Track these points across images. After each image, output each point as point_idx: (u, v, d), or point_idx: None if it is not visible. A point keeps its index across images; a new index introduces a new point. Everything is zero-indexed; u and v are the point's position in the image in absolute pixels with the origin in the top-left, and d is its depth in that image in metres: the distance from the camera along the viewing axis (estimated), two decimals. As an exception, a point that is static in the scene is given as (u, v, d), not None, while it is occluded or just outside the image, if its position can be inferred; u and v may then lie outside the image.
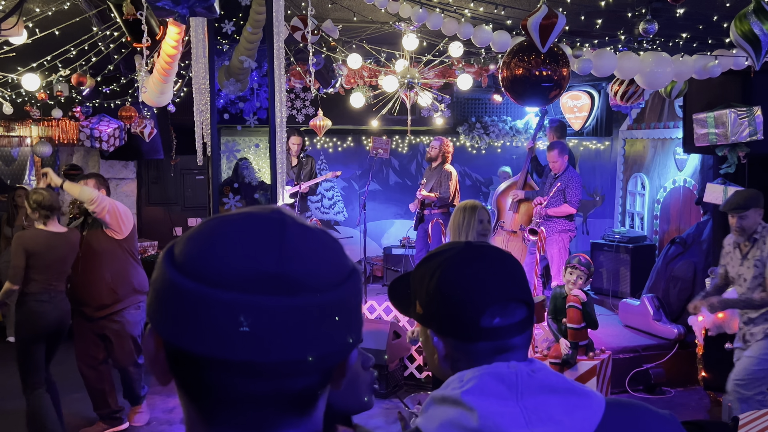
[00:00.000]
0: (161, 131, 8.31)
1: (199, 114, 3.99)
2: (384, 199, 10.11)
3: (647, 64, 4.59)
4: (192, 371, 0.74)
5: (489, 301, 1.20)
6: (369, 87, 7.14)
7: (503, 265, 1.26)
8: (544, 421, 1.07)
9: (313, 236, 0.77)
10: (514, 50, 3.84)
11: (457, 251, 1.28)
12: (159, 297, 0.76)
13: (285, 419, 0.77)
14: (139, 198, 9.42)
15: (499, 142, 10.06)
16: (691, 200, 7.68)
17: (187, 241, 0.77)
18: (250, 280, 0.71)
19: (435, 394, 1.17)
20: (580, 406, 1.11)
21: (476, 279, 1.22)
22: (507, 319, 1.21)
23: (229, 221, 0.77)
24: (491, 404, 1.08)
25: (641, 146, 8.85)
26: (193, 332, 0.72)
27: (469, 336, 1.21)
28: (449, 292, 1.23)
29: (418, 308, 1.30)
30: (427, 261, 1.32)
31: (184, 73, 6.55)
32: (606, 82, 8.72)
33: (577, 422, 1.09)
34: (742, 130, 5.38)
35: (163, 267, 0.77)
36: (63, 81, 6.46)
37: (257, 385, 0.73)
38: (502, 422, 1.06)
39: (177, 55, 4.78)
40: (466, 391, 1.10)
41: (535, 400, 1.09)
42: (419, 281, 1.30)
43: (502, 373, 1.13)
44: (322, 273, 0.75)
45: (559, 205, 7.01)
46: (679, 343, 6.60)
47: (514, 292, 1.22)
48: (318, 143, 10.04)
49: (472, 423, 1.07)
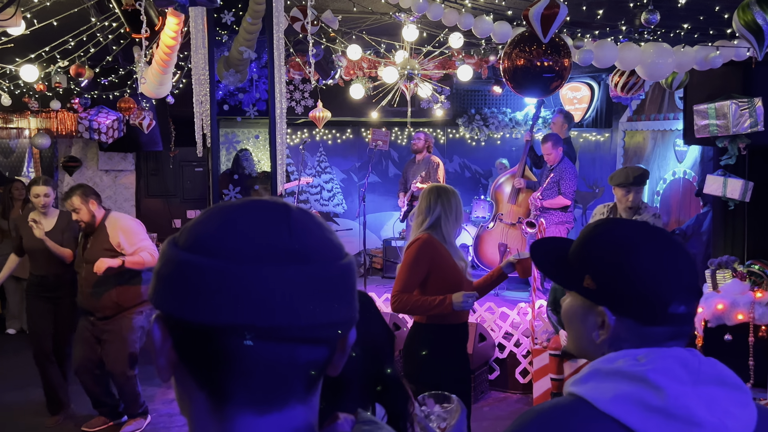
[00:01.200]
0: (160, 123, 8.29)
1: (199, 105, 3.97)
2: (383, 191, 10.10)
3: (648, 54, 4.57)
4: (207, 347, 0.77)
5: (682, 288, 1.20)
6: (368, 78, 7.12)
7: (683, 251, 1.24)
8: (723, 412, 1.09)
9: (312, 217, 0.84)
10: (516, 40, 3.82)
11: (640, 231, 1.25)
12: (169, 282, 0.78)
13: (294, 393, 0.80)
14: (138, 190, 9.39)
15: (498, 134, 10.04)
16: (691, 192, 7.67)
17: (194, 227, 0.81)
18: (265, 253, 0.76)
19: (602, 366, 1.16)
20: (746, 402, 1.13)
21: (673, 264, 1.21)
22: (690, 308, 1.21)
23: (235, 206, 0.82)
24: (677, 386, 1.08)
25: (641, 138, 8.84)
26: (212, 305, 0.75)
27: (654, 320, 1.19)
28: (645, 273, 1.20)
29: (588, 282, 1.25)
30: (603, 235, 1.28)
31: (183, 65, 6.52)
32: (606, 73, 8.70)
33: (746, 417, 1.11)
34: (743, 122, 5.37)
35: (170, 254, 0.80)
36: (61, 72, 6.43)
37: (272, 352, 0.77)
38: (691, 405, 1.07)
39: (176, 46, 4.76)
40: (651, 370, 1.10)
41: (709, 390, 1.10)
42: (596, 256, 1.26)
43: (685, 358, 1.13)
44: (326, 247, 0.81)
45: (554, 197, 7.00)
46: (679, 335, 6.59)
47: (696, 281, 1.23)
48: (317, 135, 10.01)
49: (657, 401, 1.07)
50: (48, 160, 8.69)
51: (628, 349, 1.17)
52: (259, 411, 0.79)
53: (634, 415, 1.07)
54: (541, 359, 5.88)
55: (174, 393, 0.87)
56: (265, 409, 0.79)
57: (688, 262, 1.22)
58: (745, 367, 5.55)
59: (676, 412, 1.06)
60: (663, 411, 1.06)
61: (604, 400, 1.10)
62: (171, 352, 0.80)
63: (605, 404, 1.09)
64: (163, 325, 0.80)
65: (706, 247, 6.90)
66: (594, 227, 1.31)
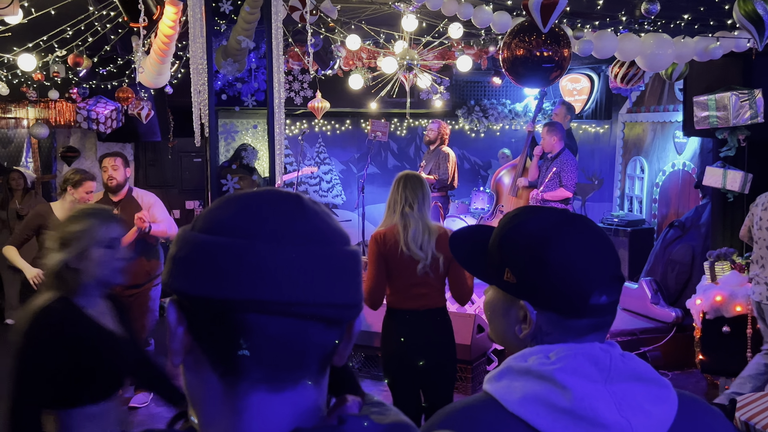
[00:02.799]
0: (158, 113, 8.25)
1: (197, 95, 3.96)
2: (382, 183, 10.09)
3: (648, 45, 4.55)
4: (223, 324, 0.79)
5: (602, 278, 1.15)
6: (368, 69, 7.09)
7: (602, 239, 1.19)
8: (633, 409, 1.06)
9: (322, 206, 0.87)
10: (515, 30, 3.81)
11: (557, 221, 1.19)
12: (186, 262, 0.81)
13: (307, 372, 0.82)
14: (137, 180, 9.36)
15: (498, 126, 10.01)
16: (690, 184, 7.66)
17: (210, 213, 0.84)
18: (281, 233, 0.79)
19: (515, 364, 1.13)
20: (663, 397, 1.10)
21: (591, 254, 1.16)
22: (612, 297, 1.17)
23: (249, 193, 0.85)
24: (585, 386, 1.05)
25: (640, 129, 8.82)
26: (230, 280, 0.77)
27: (575, 312, 1.15)
28: (562, 266, 1.14)
29: (509, 276, 1.20)
30: (519, 227, 1.21)
31: (181, 54, 6.49)
32: (606, 65, 8.67)
33: (661, 413, 1.08)
34: (743, 113, 5.36)
35: (187, 237, 0.82)
36: (59, 62, 6.40)
37: (287, 328, 0.79)
38: (597, 406, 1.04)
39: (174, 35, 4.74)
40: (559, 369, 1.07)
41: (622, 387, 1.07)
42: (513, 249, 1.20)
43: (595, 355, 1.10)
44: (336, 233, 0.84)
45: (555, 189, 6.98)
46: (677, 327, 6.60)
47: (618, 269, 1.18)
48: (316, 126, 9.99)
49: (563, 402, 1.04)
50: (46, 150, 8.67)
51: (543, 345, 1.14)
52: (272, 388, 0.81)
53: (541, 416, 1.05)
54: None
55: (182, 383, 0.88)
56: (278, 386, 0.81)
57: (607, 249, 1.17)
58: (743, 359, 5.56)
59: (582, 413, 1.03)
60: (569, 412, 1.04)
61: (512, 401, 1.07)
62: (185, 335, 0.82)
63: (514, 405, 1.07)
64: (178, 308, 0.82)
65: (705, 239, 6.90)
66: (511, 218, 1.25)
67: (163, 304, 6.04)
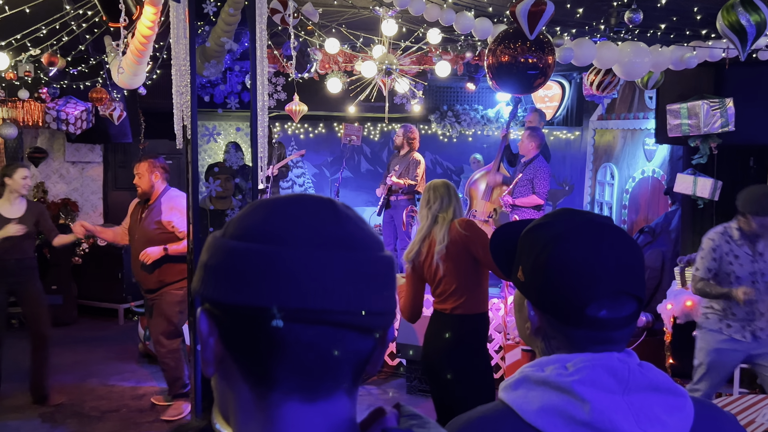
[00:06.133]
0: (130, 114, 8.14)
1: (179, 96, 3.91)
2: (355, 187, 10.08)
3: (626, 54, 4.63)
4: (256, 333, 0.77)
5: (599, 292, 1.12)
6: (344, 73, 7.08)
7: (624, 253, 1.15)
8: (651, 421, 1.05)
9: (354, 211, 0.85)
10: (501, 37, 3.84)
11: (576, 226, 1.17)
12: (218, 270, 0.79)
13: (341, 383, 0.81)
14: (106, 182, 9.23)
15: (470, 131, 10.08)
16: (660, 190, 7.80)
17: (240, 220, 0.82)
18: (314, 238, 0.78)
19: (532, 374, 1.12)
20: (679, 407, 1.10)
21: (590, 265, 1.13)
22: (614, 313, 1.13)
23: (280, 199, 0.83)
24: (603, 398, 1.05)
25: (611, 136, 8.96)
26: (264, 288, 0.76)
27: (570, 321, 1.14)
28: (558, 272, 1.14)
29: (520, 274, 1.22)
30: (541, 228, 1.21)
31: (157, 55, 6.41)
32: (577, 72, 8.79)
33: (677, 423, 1.08)
34: (714, 121, 5.48)
35: (218, 244, 0.81)
36: (30, 61, 6.28)
37: (321, 336, 0.77)
38: (615, 418, 1.04)
39: (152, 36, 4.68)
40: (577, 381, 1.06)
41: (640, 397, 1.07)
42: (528, 247, 1.21)
43: (614, 367, 1.09)
44: (370, 238, 0.82)
45: (527, 195, 7.03)
46: (647, 331, 6.70)
47: (629, 285, 1.13)
48: (289, 129, 9.95)
49: (582, 415, 1.04)
50: (13, 151, 8.48)
51: (560, 355, 1.14)
52: (306, 398, 0.79)
53: (559, 428, 1.05)
54: (513, 354, 5.94)
55: (214, 394, 0.86)
56: (312, 396, 0.79)
57: (616, 261, 1.13)
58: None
59: (601, 425, 1.03)
60: (588, 425, 1.04)
61: (530, 411, 1.07)
62: (217, 344, 0.81)
63: (531, 416, 1.07)
64: (210, 316, 0.81)
65: (675, 244, 7.03)
66: (542, 218, 1.26)
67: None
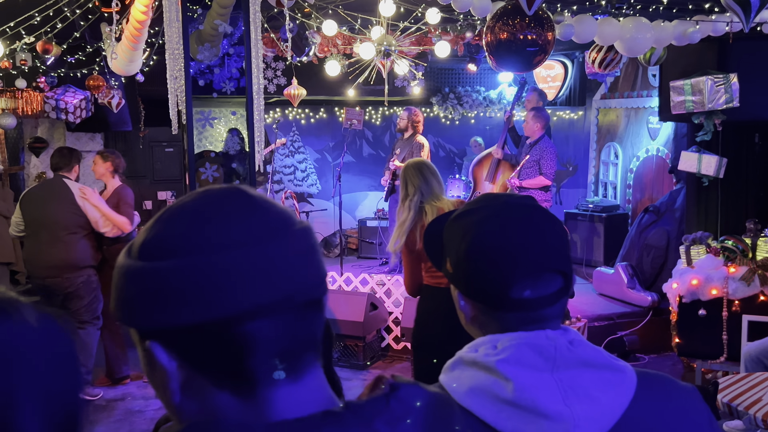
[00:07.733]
0: (129, 102, 8.07)
1: (173, 81, 3.87)
2: (357, 171, 10.03)
3: (627, 29, 4.55)
4: (223, 343, 0.77)
5: (519, 273, 1.12)
6: (343, 56, 7.00)
7: (541, 231, 1.15)
8: (580, 397, 1.04)
9: (262, 194, 0.86)
10: (499, 14, 3.77)
11: (492, 212, 1.17)
12: (159, 296, 0.76)
13: (315, 359, 0.84)
14: (106, 171, 9.19)
15: (472, 113, 9.99)
16: (664, 169, 7.73)
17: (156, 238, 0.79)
18: (246, 236, 0.77)
19: (465, 355, 1.12)
20: (615, 382, 1.07)
21: (506, 249, 1.13)
22: (539, 291, 1.13)
23: (188, 204, 0.81)
24: (528, 376, 1.04)
25: (614, 115, 8.88)
26: (218, 299, 0.75)
27: (498, 306, 1.15)
28: (478, 260, 1.15)
29: (448, 266, 1.22)
30: (461, 217, 1.21)
31: (153, 41, 6.35)
32: (579, 51, 8.69)
33: (611, 399, 1.06)
34: (718, 98, 5.40)
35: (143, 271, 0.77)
36: (26, 49, 6.23)
37: (288, 323, 0.78)
38: (539, 396, 1.03)
39: (147, 21, 4.63)
40: (502, 360, 1.06)
41: (570, 374, 1.06)
42: (451, 239, 1.21)
43: (540, 345, 1.08)
44: (284, 213, 0.83)
45: (534, 176, 6.96)
46: (653, 311, 6.67)
47: (549, 262, 1.14)
48: (290, 114, 9.89)
49: (506, 393, 1.03)
50: (13, 141, 8.46)
51: (493, 335, 1.13)
52: (291, 379, 0.81)
53: (486, 408, 1.04)
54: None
55: (176, 419, 0.84)
56: (296, 376, 0.81)
57: (535, 241, 1.13)
58: (719, 342, 5.64)
59: (523, 403, 1.02)
60: (511, 403, 1.03)
61: (461, 393, 1.07)
62: (181, 370, 0.79)
63: (461, 396, 1.06)
64: (165, 345, 0.78)
65: (680, 223, 6.97)
66: (463, 207, 1.25)
67: None
